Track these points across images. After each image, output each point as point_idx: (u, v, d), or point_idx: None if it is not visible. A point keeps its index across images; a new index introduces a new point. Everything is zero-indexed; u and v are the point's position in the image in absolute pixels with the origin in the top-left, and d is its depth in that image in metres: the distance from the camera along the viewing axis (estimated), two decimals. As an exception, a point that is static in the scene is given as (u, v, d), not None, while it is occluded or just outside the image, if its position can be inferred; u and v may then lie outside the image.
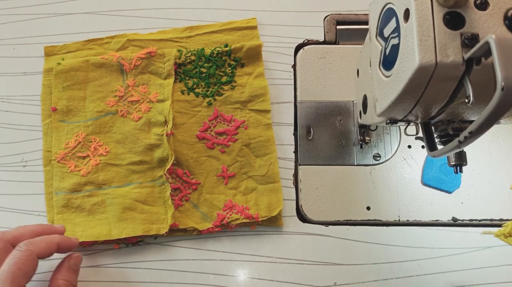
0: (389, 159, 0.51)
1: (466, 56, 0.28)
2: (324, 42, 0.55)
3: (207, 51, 0.52)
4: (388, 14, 0.34)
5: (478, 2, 0.29)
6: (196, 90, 0.52)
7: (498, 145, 0.51)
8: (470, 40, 0.28)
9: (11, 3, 0.57)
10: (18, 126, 0.53)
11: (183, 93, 0.52)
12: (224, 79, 0.52)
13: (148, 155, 0.49)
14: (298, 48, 0.55)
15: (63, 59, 0.53)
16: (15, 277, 0.37)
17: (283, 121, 0.52)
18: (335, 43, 0.55)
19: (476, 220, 0.48)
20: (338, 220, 0.49)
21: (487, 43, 0.25)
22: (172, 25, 0.56)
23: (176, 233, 0.47)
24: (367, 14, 0.44)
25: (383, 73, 0.35)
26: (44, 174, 0.50)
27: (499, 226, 0.48)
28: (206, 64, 0.52)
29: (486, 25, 0.28)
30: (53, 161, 0.50)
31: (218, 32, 0.54)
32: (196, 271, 0.47)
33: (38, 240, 0.40)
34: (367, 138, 0.50)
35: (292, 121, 0.52)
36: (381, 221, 0.49)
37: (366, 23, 0.55)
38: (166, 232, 0.46)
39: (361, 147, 0.51)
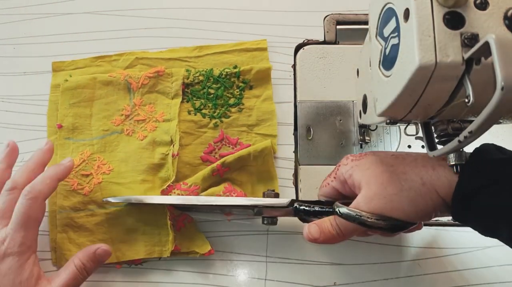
0: (389, 159, 0.51)
1: (466, 56, 0.28)
2: (324, 42, 0.55)
3: (216, 72, 0.52)
4: (388, 14, 0.34)
5: (478, 2, 0.29)
6: (203, 111, 0.51)
7: (498, 144, 0.51)
8: (470, 40, 0.28)
9: (11, 3, 0.57)
10: (18, 126, 0.53)
11: (189, 114, 0.51)
12: (231, 101, 0.51)
13: (151, 174, 0.48)
14: (298, 48, 0.55)
15: (70, 76, 0.52)
16: (27, 225, 0.40)
17: (283, 121, 0.52)
18: (335, 43, 0.55)
19: (476, 220, 0.48)
20: (338, 220, 0.49)
21: (487, 43, 0.25)
22: (172, 25, 0.56)
23: (179, 255, 0.47)
24: (367, 14, 0.44)
25: (383, 73, 0.35)
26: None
27: (499, 226, 0.48)
28: (214, 85, 0.52)
29: (486, 25, 0.28)
30: None
31: (227, 52, 0.53)
32: (197, 271, 0.47)
33: (37, 182, 0.42)
34: (367, 138, 0.50)
35: (292, 121, 0.52)
36: (381, 221, 0.48)
37: (366, 23, 0.55)
38: (168, 256, 0.46)
39: (361, 147, 0.51)
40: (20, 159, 0.51)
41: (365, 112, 0.44)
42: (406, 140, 0.51)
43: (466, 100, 0.28)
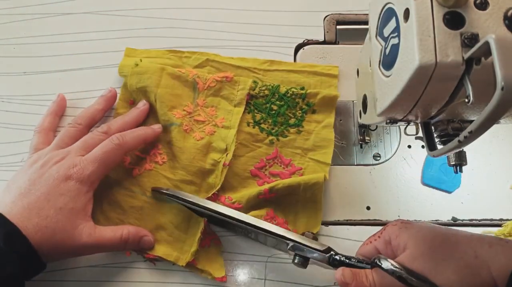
0: (389, 159, 0.51)
1: (466, 56, 0.28)
2: (324, 42, 0.55)
3: (282, 89, 0.51)
4: (388, 14, 0.34)
5: (478, 2, 0.29)
6: (262, 125, 0.50)
7: (498, 144, 0.51)
8: (470, 40, 0.28)
9: (11, 3, 0.57)
10: (18, 126, 0.53)
11: (248, 125, 0.50)
12: (292, 121, 0.50)
13: (200, 178, 0.48)
14: (298, 48, 0.55)
15: (141, 61, 0.52)
16: (102, 162, 0.43)
17: (283, 121, 0.52)
18: (335, 43, 0.55)
19: (476, 220, 0.48)
20: (338, 220, 0.49)
21: (487, 43, 0.25)
22: (172, 25, 0.56)
23: (192, 269, 0.46)
24: (367, 14, 0.44)
25: (383, 73, 0.35)
26: None
27: (499, 226, 0.48)
28: (278, 102, 0.51)
29: (486, 25, 0.28)
30: None
31: (297, 72, 0.53)
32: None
33: (128, 135, 0.46)
34: (367, 138, 0.50)
35: (292, 121, 0.52)
36: (381, 221, 0.48)
37: (366, 23, 0.55)
38: (183, 265, 0.45)
39: (361, 147, 0.51)
40: (20, 158, 0.51)
41: (365, 112, 0.44)
42: (406, 140, 0.51)
43: (466, 100, 0.28)
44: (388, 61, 0.34)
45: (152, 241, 0.45)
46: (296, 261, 0.42)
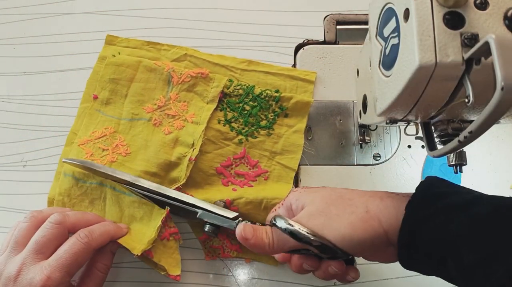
0: (389, 159, 0.51)
1: (466, 56, 0.28)
2: (324, 42, 0.55)
3: (257, 90, 0.51)
4: (388, 14, 0.34)
5: (478, 2, 0.29)
6: (233, 124, 0.51)
7: (498, 144, 0.51)
8: (470, 40, 0.28)
9: (11, 3, 0.57)
10: (18, 126, 0.53)
11: (219, 123, 0.51)
12: (263, 123, 0.51)
13: (164, 170, 0.48)
14: (298, 48, 0.55)
15: (119, 53, 0.53)
16: (71, 267, 0.38)
17: (283, 121, 0.52)
18: (335, 43, 0.55)
19: (476, 220, 0.48)
20: (338, 220, 0.49)
21: (486, 43, 0.25)
22: (172, 25, 0.56)
23: (146, 261, 0.45)
24: (367, 14, 0.44)
25: (383, 73, 0.35)
26: (61, 153, 0.50)
27: (499, 226, 0.48)
28: (251, 103, 0.51)
29: (486, 25, 0.28)
30: (74, 143, 0.49)
31: (274, 74, 0.53)
32: (197, 271, 0.47)
33: (96, 231, 0.41)
34: (367, 138, 0.50)
35: (292, 121, 0.52)
36: (381, 221, 0.48)
37: (366, 23, 0.55)
38: (136, 255, 0.42)
39: (361, 147, 0.51)
40: (19, 158, 0.51)
41: (365, 112, 0.44)
42: (406, 140, 0.51)
43: (466, 100, 0.28)
44: (388, 61, 0.34)
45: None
46: (206, 229, 0.44)
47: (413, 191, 0.35)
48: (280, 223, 0.37)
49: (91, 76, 0.53)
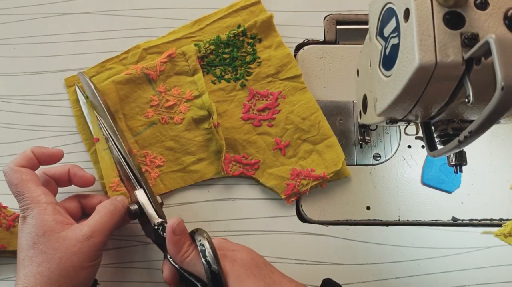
0: (389, 159, 0.51)
1: (466, 56, 0.28)
2: (324, 42, 0.55)
3: (223, 37, 0.52)
4: (388, 14, 0.35)
5: (478, 2, 0.29)
6: (226, 76, 0.52)
7: (498, 145, 0.51)
8: (470, 40, 0.28)
9: (11, 3, 0.57)
10: (18, 126, 0.53)
11: (214, 83, 0.52)
12: (248, 58, 0.52)
13: (204, 151, 0.50)
14: (298, 48, 0.55)
15: (87, 97, 0.51)
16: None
17: (283, 121, 0.52)
18: (335, 43, 0.55)
19: (476, 219, 0.48)
20: (338, 220, 0.49)
21: (487, 43, 0.25)
22: (172, 25, 0.56)
23: (6, 254, 0.46)
24: (367, 14, 0.44)
25: (383, 73, 0.35)
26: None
27: (499, 226, 0.48)
28: (226, 50, 0.52)
29: (486, 25, 0.28)
30: (109, 189, 0.48)
31: (225, 17, 0.54)
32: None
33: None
34: (367, 138, 0.50)
35: (292, 121, 0.52)
36: (381, 221, 0.49)
37: (366, 23, 0.55)
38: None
39: (361, 147, 0.51)
40: (20, 158, 0.51)
41: (365, 112, 0.44)
42: (406, 140, 0.51)
43: (466, 100, 0.28)
44: (388, 61, 0.34)
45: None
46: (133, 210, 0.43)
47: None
48: (204, 252, 0.36)
49: (77, 123, 0.51)
